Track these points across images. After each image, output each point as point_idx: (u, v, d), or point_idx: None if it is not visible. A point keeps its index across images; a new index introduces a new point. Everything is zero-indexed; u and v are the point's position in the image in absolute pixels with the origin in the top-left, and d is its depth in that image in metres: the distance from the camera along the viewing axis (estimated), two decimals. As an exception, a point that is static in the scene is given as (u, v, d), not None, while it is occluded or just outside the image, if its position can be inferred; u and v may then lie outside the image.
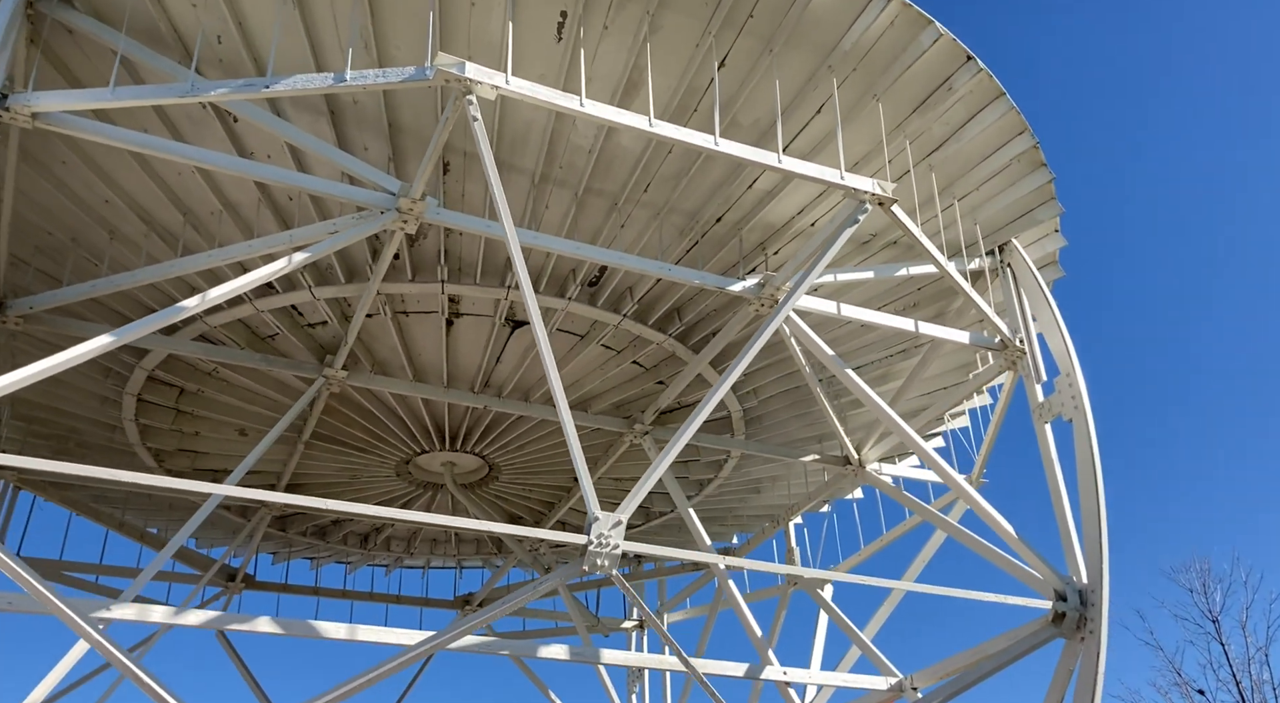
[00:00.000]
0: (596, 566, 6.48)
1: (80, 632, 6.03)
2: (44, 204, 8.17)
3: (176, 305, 6.44)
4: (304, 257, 6.65)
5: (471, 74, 6.29)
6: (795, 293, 7.42)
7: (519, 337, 9.42)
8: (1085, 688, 7.54)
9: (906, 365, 10.81)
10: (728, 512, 14.00)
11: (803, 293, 7.51)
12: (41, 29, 6.77)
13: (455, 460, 11.05)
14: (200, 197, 8.03)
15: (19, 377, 5.85)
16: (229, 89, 6.23)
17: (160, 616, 6.61)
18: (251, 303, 8.75)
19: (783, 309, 7.43)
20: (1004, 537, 8.39)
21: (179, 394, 10.25)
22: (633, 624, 16.52)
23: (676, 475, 12.25)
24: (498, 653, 8.10)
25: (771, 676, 9.28)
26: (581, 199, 8.13)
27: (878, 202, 7.48)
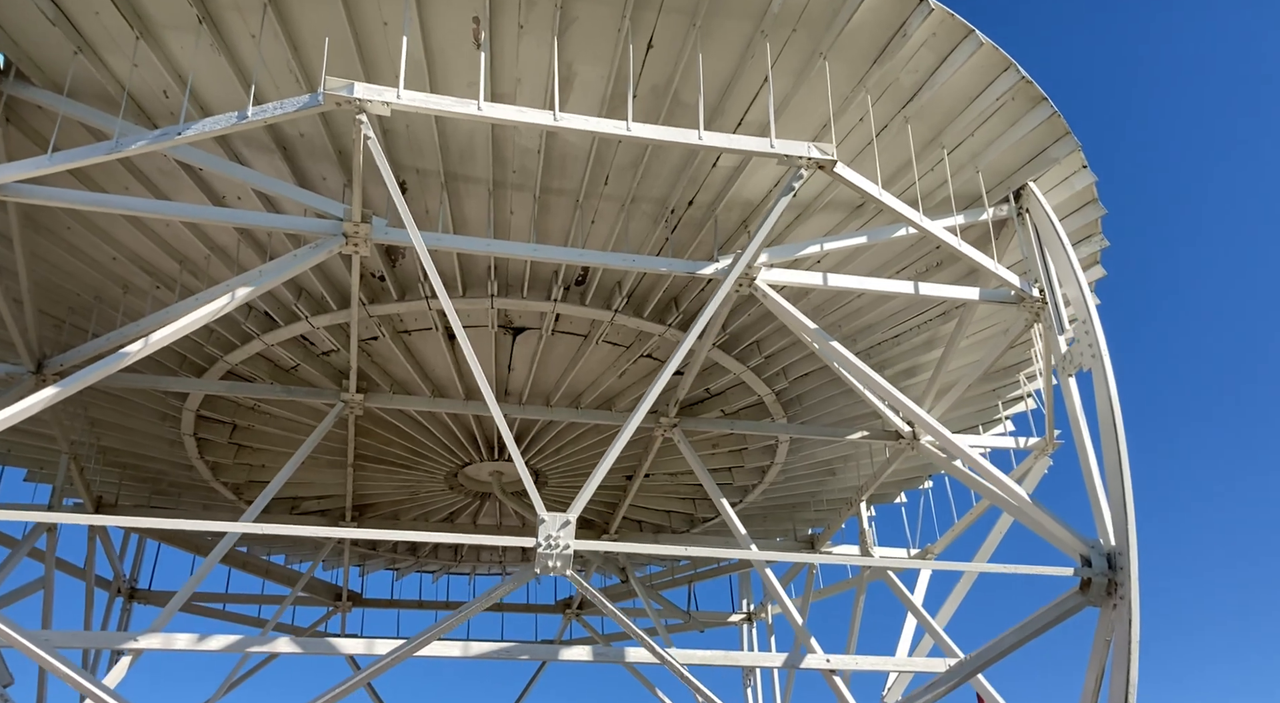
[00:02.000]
0: (548, 568, 6.44)
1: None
2: (65, 268, 8.81)
3: (120, 351, 6.80)
4: (246, 291, 6.89)
5: (360, 94, 6.37)
6: (738, 265, 7.12)
7: (525, 343, 9.47)
8: (1120, 658, 6.91)
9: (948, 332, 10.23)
10: (808, 497, 13.61)
11: (743, 265, 7.20)
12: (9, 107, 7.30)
13: (502, 469, 11.20)
14: (190, 244, 8.46)
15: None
16: (146, 141, 6.54)
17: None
18: (260, 338, 9.16)
19: (728, 282, 7.15)
20: (1023, 504, 7.81)
21: (232, 430, 10.83)
22: (740, 617, 16.29)
23: (728, 466, 12.01)
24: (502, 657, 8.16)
25: (814, 664, 8.99)
26: (542, 200, 8.09)
27: (816, 166, 7.09)
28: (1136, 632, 6.90)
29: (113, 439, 11.42)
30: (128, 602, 14.42)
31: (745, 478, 12.24)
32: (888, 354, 10.52)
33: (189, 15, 6.82)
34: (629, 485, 11.64)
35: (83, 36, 7.05)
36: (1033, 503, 8.00)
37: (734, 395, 10.55)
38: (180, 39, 6.96)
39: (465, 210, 8.16)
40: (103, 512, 12.06)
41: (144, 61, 7.11)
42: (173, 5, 6.79)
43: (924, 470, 12.89)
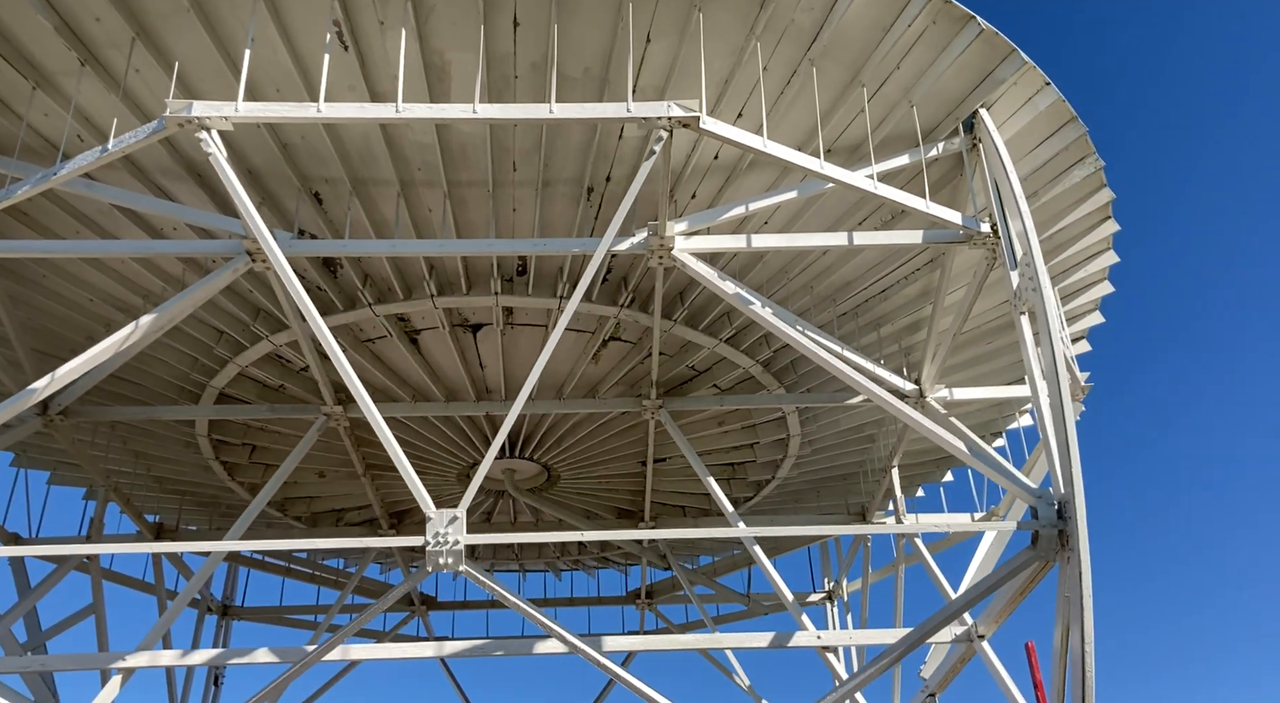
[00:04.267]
0: (440, 565, 6.39)
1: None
2: (54, 313, 9.36)
3: (29, 388, 7.15)
4: (150, 318, 7.14)
5: (199, 112, 6.47)
6: (611, 233, 6.84)
7: (487, 339, 9.45)
8: (1074, 614, 6.30)
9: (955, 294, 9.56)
10: (855, 467, 13.04)
11: (615, 231, 6.89)
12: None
13: (513, 467, 11.23)
14: (147, 278, 8.84)
15: None
16: (29, 185, 6.87)
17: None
18: (233, 361, 9.49)
19: (598, 254, 6.87)
20: (983, 457, 7.22)
21: (251, 450, 11.29)
22: (819, 596, 15.81)
23: (748, 443, 11.64)
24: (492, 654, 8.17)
25: (803, 642, 8.64)
26: (455, 194, 8.04)
27: (680, 124, 6.74)
28: (1088, 585, 6.27)
29: (161, 469, 12.10)
30: (221, 619, 15.30)
31: (768, 453, 11.85)
32: (879, 309, 9.97)
33: (71, 60, 7.12)
34: (646, 472, 11.46)
35: (-7, 95, 7.49)
36: (991, 455, 7.40)
37: (721, 370, 10.22)
38: (71, 84, 7.27)
39: (383, 213, 8.20)
40: (164, 537, 12.80)
41: (50, 110, 7.48)
42: (57, 52, 7.11)
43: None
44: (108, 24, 7.00)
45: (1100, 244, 9.97)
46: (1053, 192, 9.07)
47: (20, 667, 9.03)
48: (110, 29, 7.02)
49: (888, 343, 10.38)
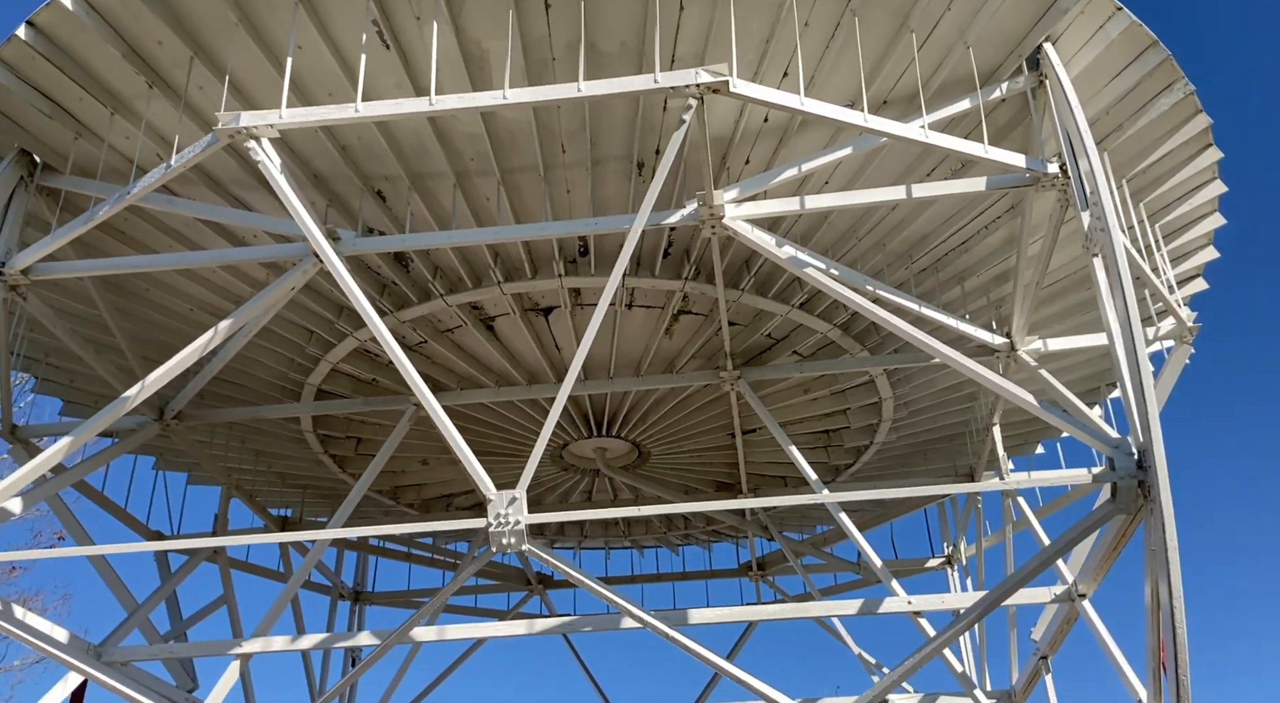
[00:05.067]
0: (503, 545, 6.54)
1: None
2: (160, 324, 9.96)
3: (123, 395, 7.63)
4: (227, 324, 7.52)
5: (246, 122, 6.75)
6: (645, 209, 6.78)
7: (559, 321, 9.56)
8: (1160, 568, 5.97)
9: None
10: (962, 426, 12.63)
11: (649, 208, 6.83)
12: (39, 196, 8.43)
13: (605, 445, 11.35)
14: (236, 285, 9.30)
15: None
16: (107, 206, 7.32)
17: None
18: (325, 358, 9.91)
19: (635, 229, 6.84)
20: (1045, 406, 6.89)
21: (356, 444, 11.78)
22: (938, 561, 15.41)
23: (841, 408, 11.41)
24: (581, 630, 8.35)
25: (894, 608, 8.50)
26: (509, 181, 8.16)
27: (710, 90, 6.63)
28: (1172, 537, 5.91)
29: (281, 465, 12.76)
30: (354, 604, 16.03)
31: (862, 418, 11.61)
32: (960, 262, 9.62)
33: (140, 84, 7.55)
34: (735, 444, 11.40)
35: (79, 122, 8.02)
36: (1076, 406, 7.05)
37: (799, 336, 10.07)
38: (143, 106, 7.71)
39: (442, 205, 8.39)
40: (289, 529, 13.49)
41: (129, 132, 7.95)
42: (127, 77, 7.56)
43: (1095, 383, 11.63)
44: (169, 46, 7.39)
45: (1204, 175, 9.37)
46: (1139, 123, 8.56)
47: (161, 654, 9.74)
48: (171, 51, 7.41)
49: (974, 296, 10.01)
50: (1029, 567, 6.95)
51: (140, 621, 10.37)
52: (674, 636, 6.87)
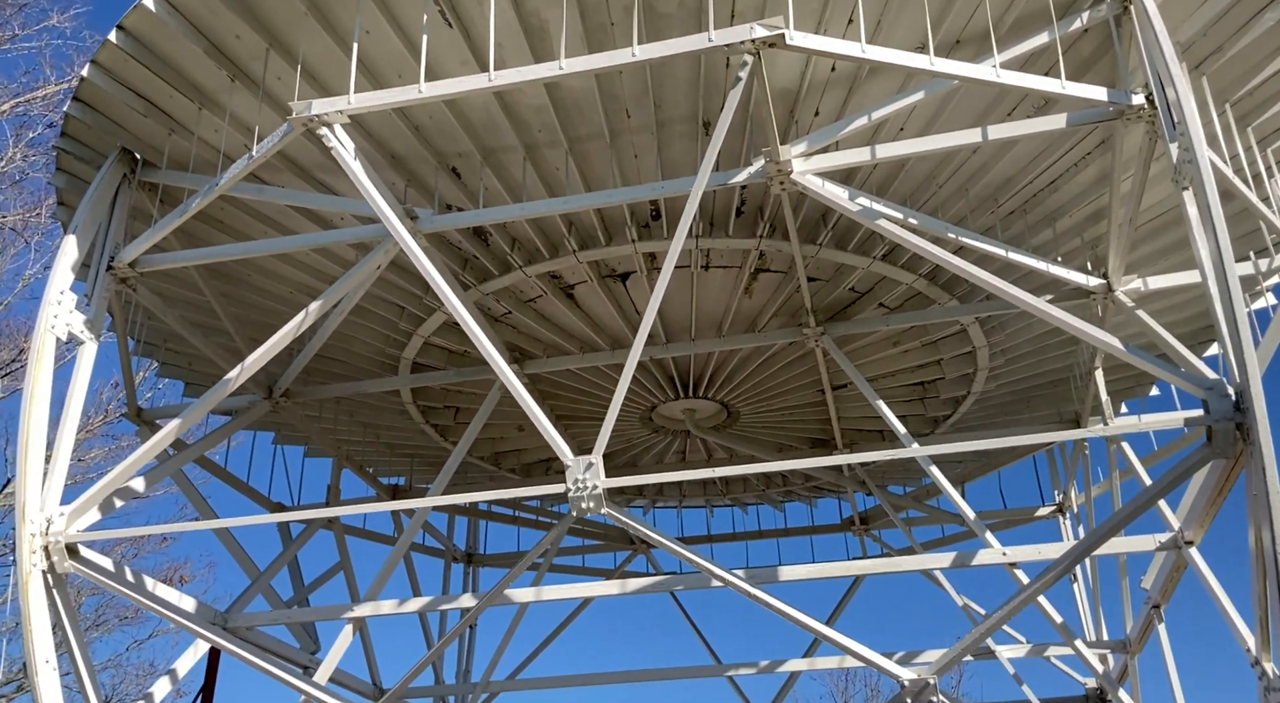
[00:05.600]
0: (582, 509, 6.68)
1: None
2: (263, 307, 10.43)
3: (226, 376, 8.02)
4: (317, 305, 7.84)
5: (317, 109, 6.96)
6: (706, 169, 6.73)
7: (636, 287, 9.62)
8: (1262, 513, 5.73)
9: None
10: (1066, 371, 12.22)
11: (709, 168, 6.76)
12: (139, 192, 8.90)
13: (694, 406, 11.42)
14: (330, 268, 9.65)
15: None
16: (200, 198, 7.68)
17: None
18: (417, 333, 10.22)
19: (697, 191, 6.79)
20: (1131, 350, 6.62)
21: (455, 413, 12.14)
22: (1049, 510, 15.02)
23: (934, 359, 11.17)
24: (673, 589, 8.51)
25: (988, 559, 8.38)
26: (574, 150, 8.21)
27: (766, 44, 6.50)
28: (1273, 480, 5.65)
29: (388, 436, 13.26)
30: (467, 566, 16.60)
31: (956, 368, 11.35)
32: (1050, 202, 9.27)
33: (223, 78, 7.87)
34: (825, 400, 11.31)
35: (171, 118, 8.42)
36: (1145, 350, 6.76)
37: (884, 289, 9.89)
38: (227, 99, 8.04)
39: (514, 178, 8.52)
40: (399, 497, 14.03)
41: (217, 126, 8.30)
42: (210, 72, 7.89)
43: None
44: (246, 40, 7.67)
45: (1318, 91, 8.77)
46: (1241, 42, 8.05)
47: (280, 619, 10.33)
48: (249, 44, 7.70)
49: (1067, 237, 9.65)
50: (1121, 515, 6.76)
51: (263, 587, 10.99)
52: (755, 594, 6.93)
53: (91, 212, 8.56)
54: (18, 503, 7.75)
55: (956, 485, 14.68)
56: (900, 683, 6.97)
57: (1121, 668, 11.82)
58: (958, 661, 7.31)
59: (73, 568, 7.81)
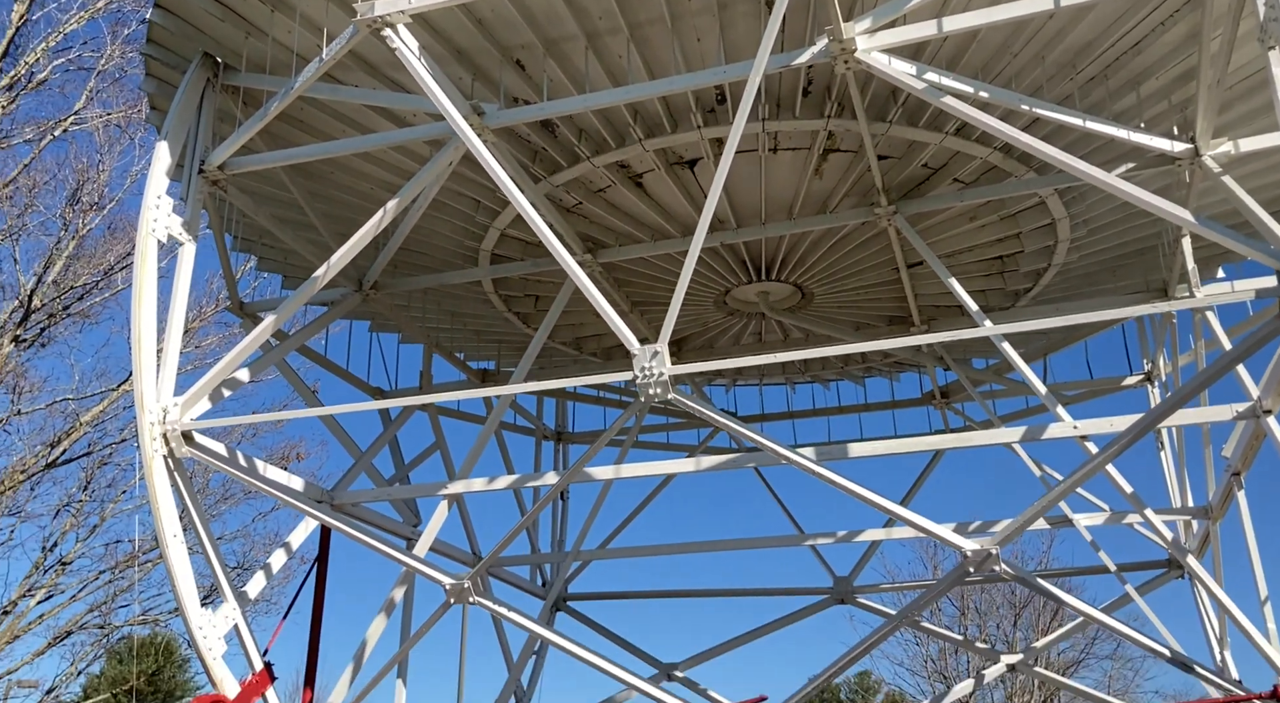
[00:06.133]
0: (650, 395, 6.99)
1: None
2: (348, 203, 10.81)
3: (316, 272, 8.44)
4: (394, 203, 8.15)
5: (380, 10, 7.09)
6: (765, 51, 6.66)
7: (705, 172, 9.66)
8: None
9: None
10: (1154, 238, 11.89)
11: (768, 49, 6.69)
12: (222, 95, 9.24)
13: (766, 290, 11.54)
14: (408, 165, 9.92)
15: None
16: (277, 101, 7.95)
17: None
18: (493, 225, 10.51)
19: (756, 74, 6.74)
20: (1202, 222, 6.48)
21: (535, 301, 12.50)
22: (1137, 379, 14.83)
23: (1012, 233, 10.99)
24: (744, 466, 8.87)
25: (1059, 433, 8.46)
26: (635, 36, 8.19)
27: None
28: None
29: (476, 324, 13.76)
30: (557, 444, 17.29)
31: (1036, 241, 11.16)
32: (1133, 65, 8.89)
33: (295, -20, 8.05)
34: (901, 278, 11.29)
35: (246, 21, 8.66)
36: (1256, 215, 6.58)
37: (959, 163, 9.72)
38: (299, 2, 8.22)
39: (577, 68, 8.56)
40: (489, 380, 14.63)
41: (290, 28, 8.52)
42: (279, -26, 8.06)
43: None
44: (310, -59, 7.80)
45: None
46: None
47: (380, 497, 11.08)
48: (315, -56, 7.82)
49: (1152, 101, 9.28)
50: (1191, 385, 6.76)
51: (366, 467, 11.74)
52: (819, 471, 7.20)
53: (179, 117, 8.96)
54: (136, 395, 8.45)
55: (1039, 357, 14.60)
56: (962, 554, 7.22)
57: (1203, 535, 11.87)
58: (1021, 531, 7.52)
59: (190, 453, 8.53)
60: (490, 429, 10.43)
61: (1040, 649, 17.80)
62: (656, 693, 8.25)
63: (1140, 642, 7.95)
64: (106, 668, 28.22)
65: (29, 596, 17.29)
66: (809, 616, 14.32)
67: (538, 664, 14.55)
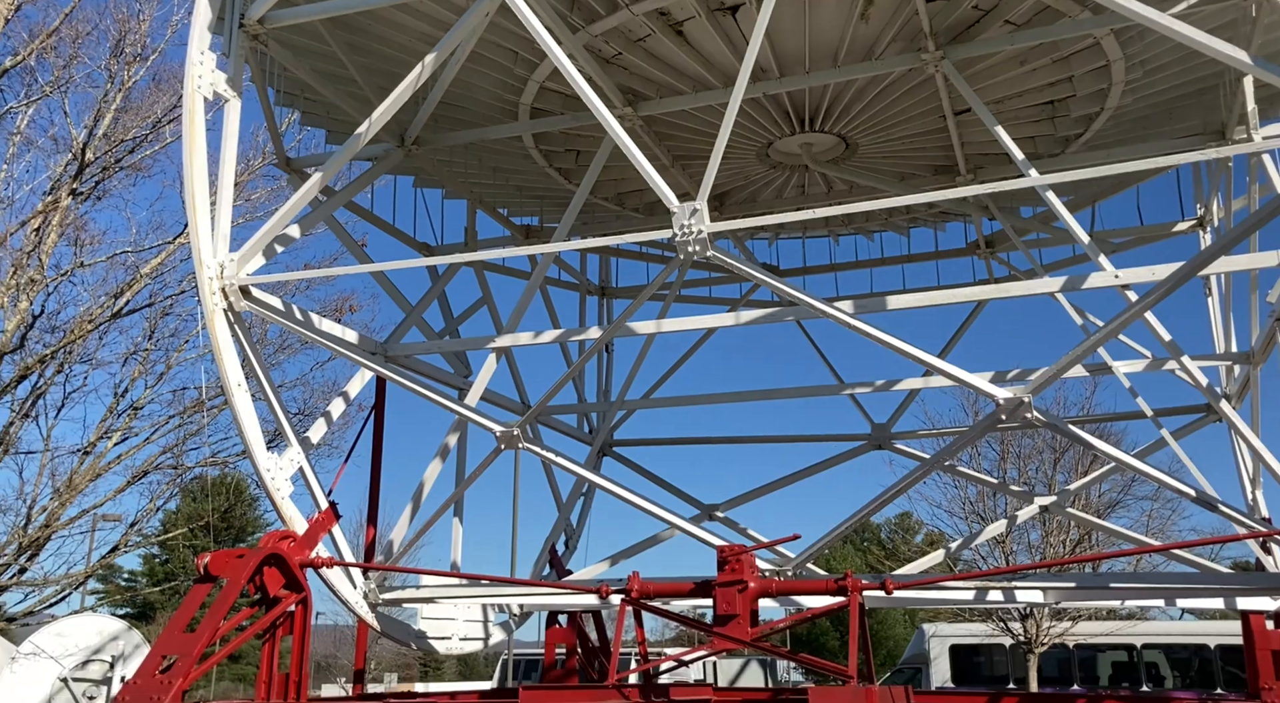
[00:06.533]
0: (689, 253, 7.11)
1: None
2: (388, 56, 10.73)
3: (359, 128, 8.51)
4: (432, 57, 8.13)
5: None
6: None
7: (746, 18, 9.44)
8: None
9: None
10: (1215, 78, 11.46)
11: None
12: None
13: (809, 141, 11.41)
14: (446, 16, 9.79)
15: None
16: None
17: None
18: (532, 78, 10.43)
19: None
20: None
21: (575, 156, 12.48)
22: (1188, 225, 14.56)
23: (1065, 76, 10.67)
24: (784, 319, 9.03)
25: (1100, 282, 8.49)
26: None
27: None
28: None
29: (518, 180, 13.80)
30: (601, 299, 17.54)
31: (1089, 84, 10.83)
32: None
33: None
34: (947, 127, 11.09)
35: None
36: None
37: (1010, 4, 9.38)
38: None
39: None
40: (533, 236, 14.79)
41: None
42: None
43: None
44: None
45: None
46: None
47: (432, 349, 11.48)
48: None
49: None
50: (1235, 232, 6.76)
51: (417, 320, 12.11)
52: (855, 324, 7.35)
53: (217, -33, 8.91)
54: (194, 253, 8.77)
55: (1089, 204, 14.37)
56: (995, 402, 7.42)
57: (1243, 380, 11.95)
58: (1054, 380, 7.68)
59: (248, 307, 8.90)
60: (535, 286, 10.67)
61: (1074, 492, 18.24)
62: (697, 532, 8.71)
63: (1165, 482, 8.18)
64: (182, 505, 30.09)
65: (106, 438, 18.35)
66: (847, 460, 14.68)
67: (585, 506, 15.24)
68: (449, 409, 9.27)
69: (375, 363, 9.57)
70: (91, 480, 17.51)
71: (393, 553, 10.50)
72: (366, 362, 9.51)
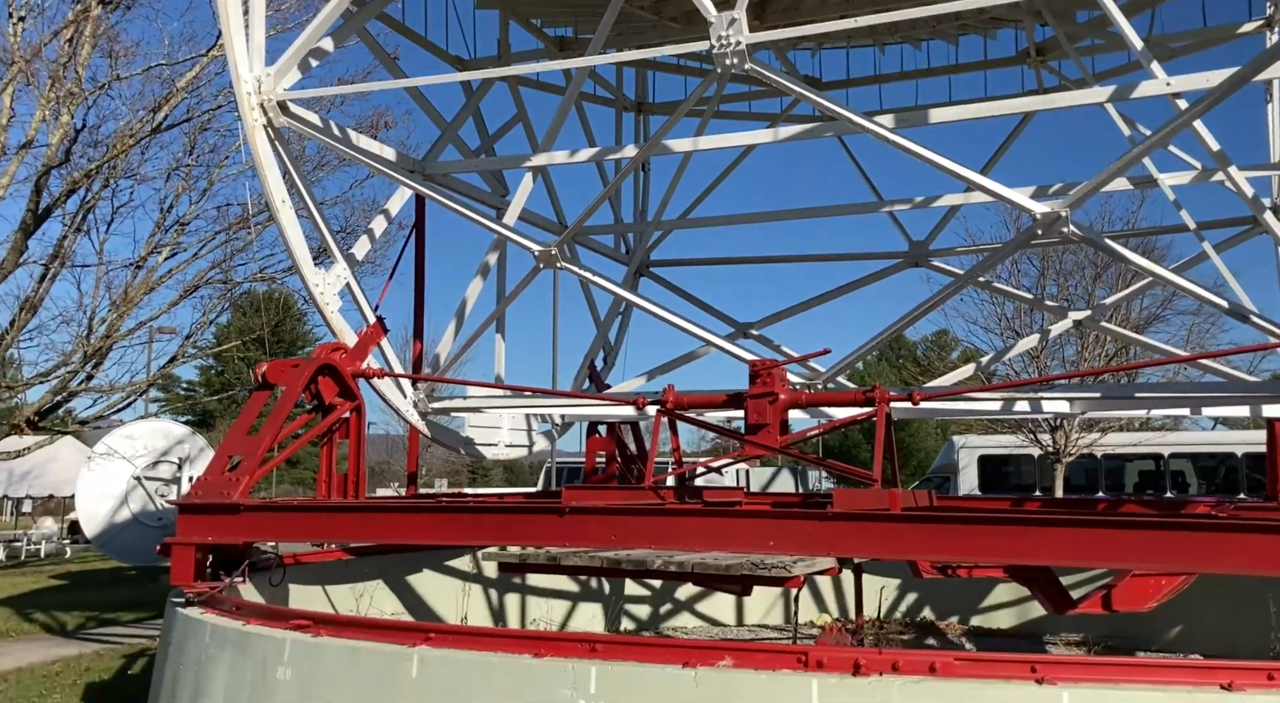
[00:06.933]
0: (727, 66, 6.97)
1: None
2: None
3: None
4: None
5: None
6: None
7: None
8: None
9: None
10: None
11: None
12: None
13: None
14: None
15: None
16: None
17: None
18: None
19: None
20: None
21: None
22: (1255, 25, 13.82)
23: None
24: (823, 135, 8.92)
25: (1151, 91, 8.20)
26: None
27: None
28: None
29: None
30: (637, 115, 17.20)
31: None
32: None
33: None
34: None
35: None
36: None
37: None
38: None
39: None
40: (567, 48, 14.42)
41: None
42: None
43: None
44: None
45: None
46: None
47: (470, 167, 11.51)
48: None
49: None
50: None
51: (452, 137, 12.05)
52: (893, 139, 7.25)
53: None
54: (231, 69, 8.74)
55: (1149, 7, 13.64)
56: (1031, 216, 7.39)
57: (1294, 189, 11.71)
58: (1093, 193, 7.60)
59: (287, 123, 8.93)
60: (570, 101, 10.51)
61: (1110, 306, 18.17)
62: (731, 348, 8.96)
63: (1199, 293, 8.21)
64: (234, 319, 31.03)
65: (156, 253, 18.83)
66: (884, 278, 14.63)
67: (623, 325, 15.55)
68: (487, 228, 9.39)
69: (413, 180, 9.64)
70: (145, 293, 18.11)
71: (439, 366, 10.89)
72: (406, 180, 9.59)
